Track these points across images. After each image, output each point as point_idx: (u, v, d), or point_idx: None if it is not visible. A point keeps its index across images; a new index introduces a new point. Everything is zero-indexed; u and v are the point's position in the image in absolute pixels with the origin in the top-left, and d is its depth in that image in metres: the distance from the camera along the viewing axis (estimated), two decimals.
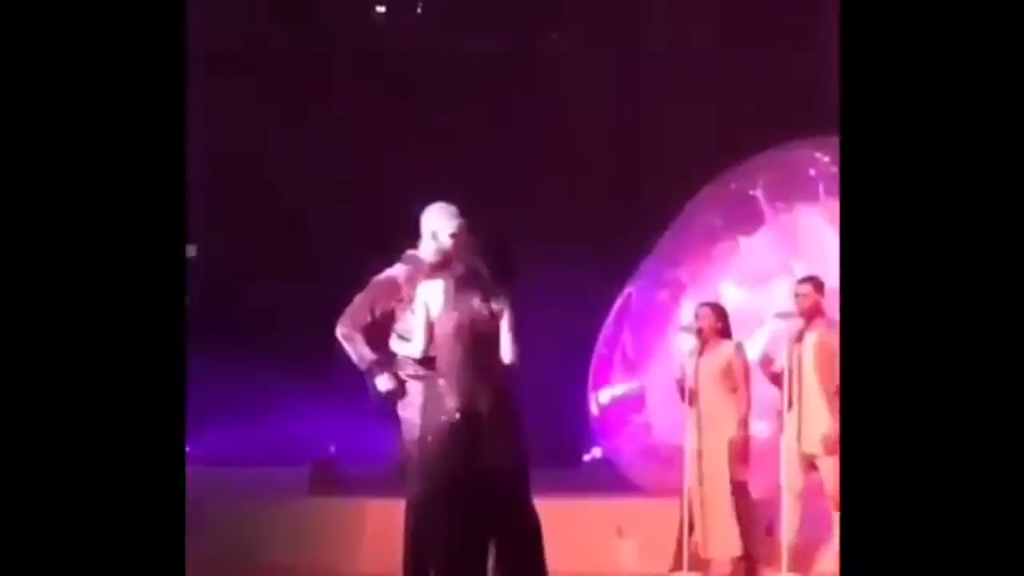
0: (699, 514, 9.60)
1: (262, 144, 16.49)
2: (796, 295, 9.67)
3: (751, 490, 9.70)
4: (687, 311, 10.89)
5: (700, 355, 9.76)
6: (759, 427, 10.03)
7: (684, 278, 11.86)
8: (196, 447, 14.41)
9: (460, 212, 7.80)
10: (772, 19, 15.65)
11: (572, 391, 12.57)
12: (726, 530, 9.55)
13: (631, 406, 11.90)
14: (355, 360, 7.67)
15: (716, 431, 9.62)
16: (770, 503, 9.71)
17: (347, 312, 7.72)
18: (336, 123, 16.44)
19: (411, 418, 7.54)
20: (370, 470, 11.89)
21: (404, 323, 7.63)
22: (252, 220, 16.61)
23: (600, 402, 12.09)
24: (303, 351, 14.92)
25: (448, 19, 17.54)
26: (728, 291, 11.45)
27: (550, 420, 11.93)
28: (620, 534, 10.29)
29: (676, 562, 9.62)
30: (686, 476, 9.62)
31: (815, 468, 9.47)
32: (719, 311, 9.95)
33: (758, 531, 9.75)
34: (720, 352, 9.75)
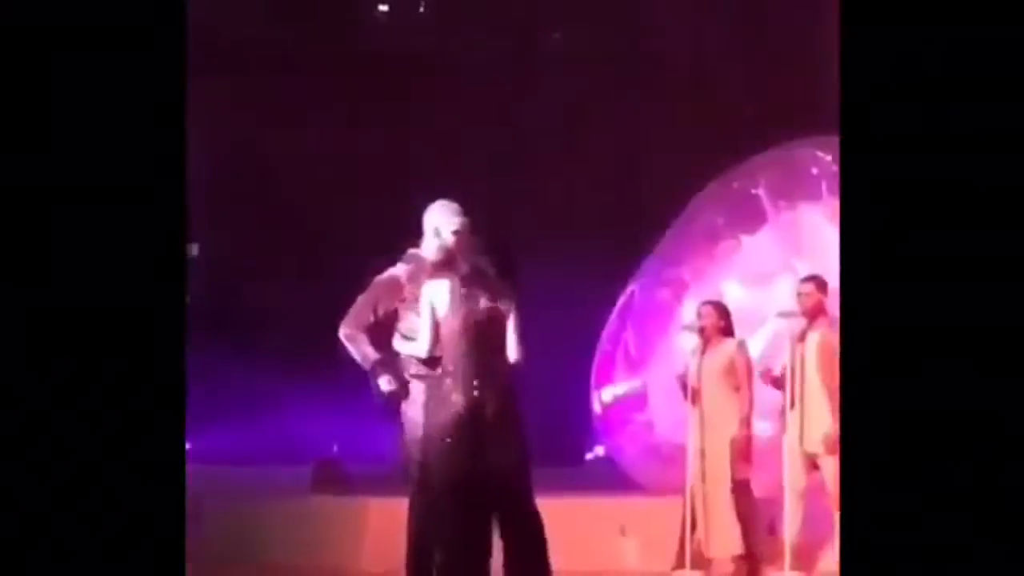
0: (701, 513, 9.60)
1: (263, 144, 16.50)
2: (799, 294, 9.67)
3: (753, 489, 9.69)
4: (689, 310, 10.88)
5: (702, 354, 9.76)
6: (761, 426, 10.01)
7: (687, 276, 11.84)
8: (199, 446, 14.42)
9: (462, 211, 7.81)
10: (772, 19, 15.65)
11: (575, 390, 12.56)
12: (728, 529, 9.54)
13: (634, 405, 11.89)
14: (359, 360, 7.66)
15: (718, 430, 9.61)
16: (772, 502, 9.70)
17: (350, 313, 7.72)
18: (337, 122, 16.44)
19: (414, 417, 7.53)
20: (373, 469, 11.90)
21: (407, 322, 7.63)
22: (253, 220, 16.62)
23: (603, 400, 12.08)
24: (307, 350, 14.93)
25: (450, 18, 17.54)
26: (731, 290, 11.43)
27: (553, 418, 11.96)
28: (623, 532, 10.28)
29: (678, 561, 9.61)
30: (688, 474, 9.61)
31: (817, 467, 9.46)
32: (721, 310, 9.94)
33: (760, 530, 9.75)
34: (722, 351, 9.74)
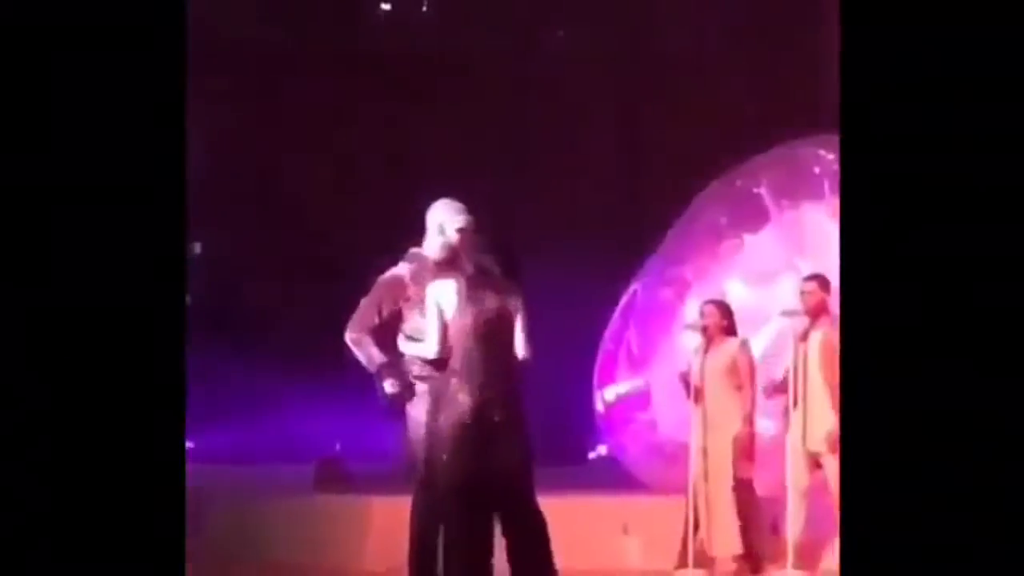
0: (704, 511, 9.59)
1: (263, 144, 16.51)
2: (801, 293, 9.67)
3: (756, 487, 9.69)
4: (692, 309, 10.87)
5: (705, 353, 9.76)
6: (764, 424, 10.01)
7: (689, 276, 11.84)
8: (202, 445, 14.46)
9: (466, 210, 7.81)
10: (773, 19, 15.66)
11: (578, 389, 12.56)
12: (731, 527, 9.53)
13: (636, 404, 11.89)
14: (364, 363, 7.63)
15: (721, 428, 9.61)
16: (775, 500, 9.71)
17: (354, 316, 7.69)
18: (337, 122, 16.44)
19: (418, 416, 7.52)
20: (375, 468, 11.91)
21: (412, 323, 7.61)
22: (254, 220, 16.63)
23: (605, 399, 12.08)
24: (307, 350, 14.96)
25: (453, 17, 17.54)
26: (733, 289, 11.43)
27: (556, 417, 11.96)
28: (625, 531, 10.27)
29: (681, 559, 9.60)
30: (691, 473, 9.61)
31: (820, 466, 9.47)
32: (724, 309, 9.94)
33: (763, 528, 9.75)
34: (725, 349, 9.74)
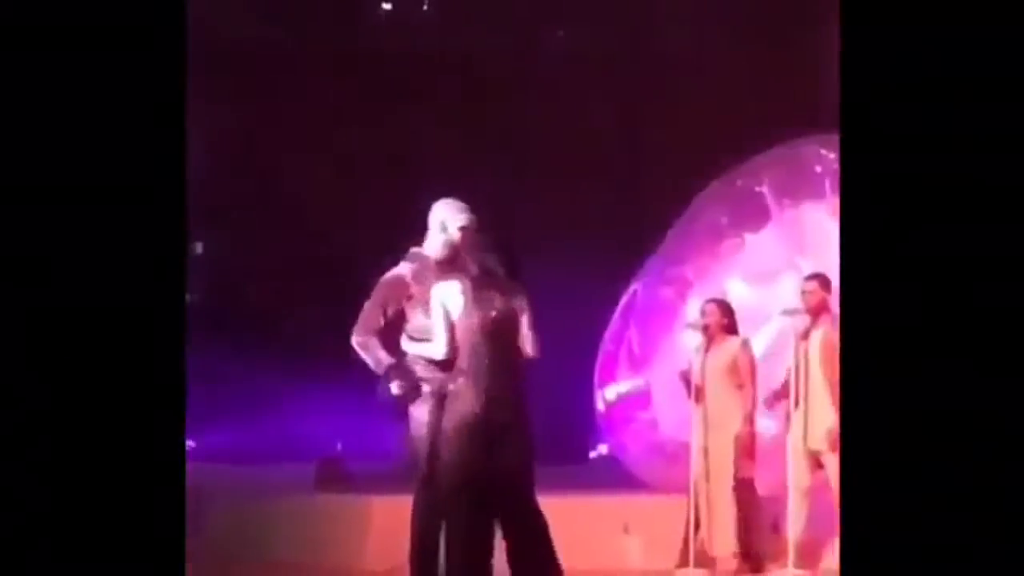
0: (705, 511, 9.60)
1: (263, 144, 16.50)
2: (802, 292, 9.67)
3: (757, 486, 9.70)
4: (693, 308, 10.87)
5: (706, 352, 9.76)
6: (765, 423, 10.01)
7: (690, 275, 11.84)
8: (203, 444, 14.47)
9: (469, 209, 7.81)
10: (774, 18, 15.65)
11: (578, 388, 12.56)
12: (732, 527, 9.54)
13: (637, 403, 11.88)
14: (372, 366, 7.62)
15: (722, 428, 9.61)
16: (776, 499, 9.71)
17: (359, 320, 7.67)
18: (337, 122, 16.44)
19: (420, 416, 7.53)
20: (376, 467, 11.91)
21: (415, 322, 7.61)
22: (254, 220, 16.63)
23: (606, 399, 12.08)
24: (310, 349, 14.96)
25: (453, 16, 17.53)
26: (734, 288, 11.43)
27: (557, 417, 11.94)
28: (626, 531, 10.27)
29: (682, 559, 9.61)
30: (692, 473, 9.62)
31: (821, 465, 9.47)
32: (725, 308, 9.95)
33: (764, 527, 9.75)
34: (726, 349, 9.75)
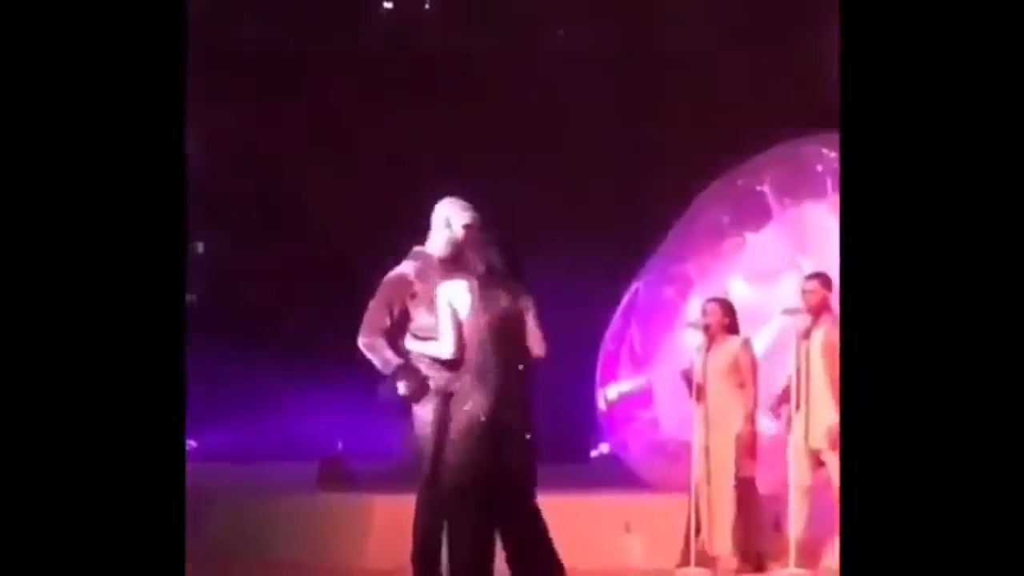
0: (706, 510, 9.59)
1: (263, 144, 16.51)
2: (804, 291, 9.67)
3: (758, 485, 9.70)
4: (694, 307, 10.87)
5: (707, 351, 9.76)
6: (766, 423, 10.01)
7: (691, 274, 11.85)
8: (203, 444, 14.48)
9: (473, 208, 7.81)
10: (773, 19, 15.66)
11: (580, 387, 12.57)
12: (733, 526, 9.53)
13: (639, 402, 11.89)
14: (379, 366, 7.60)
15: (723, 427, 9.61)
16: (778, 499, 9.71)
17: (365, 321, 7.66)
18: (337, 122, 16.44)
19: (424, 415, 7.53)
20: (378, 466, 11.92)
21: (419, 321, 7.61)
22: (254, 220, 16.64)
23: (608, 398, 12.08)
24: (310, 349, 14.98)
25: (453, 16, 17.54)
26: (736, 287, 11.44)
27: (558, 416, 11.95)
28: (627, 530, 10.27)
29: (683, 558, 9.60)
30: (693, 472, 9.61)
31: (822, 464, 9.47)
32: (726, 307, 9.94)
33: (765, 526, 9.75)
34: (727, 348, 9.74)
